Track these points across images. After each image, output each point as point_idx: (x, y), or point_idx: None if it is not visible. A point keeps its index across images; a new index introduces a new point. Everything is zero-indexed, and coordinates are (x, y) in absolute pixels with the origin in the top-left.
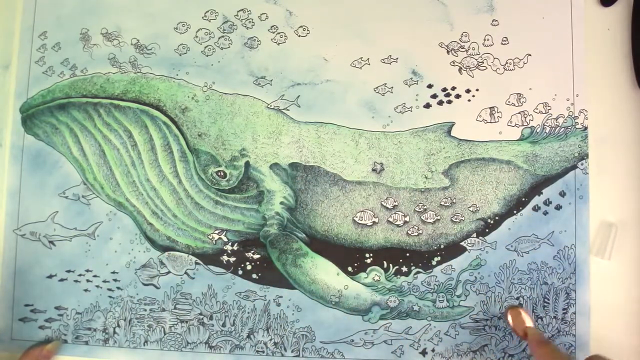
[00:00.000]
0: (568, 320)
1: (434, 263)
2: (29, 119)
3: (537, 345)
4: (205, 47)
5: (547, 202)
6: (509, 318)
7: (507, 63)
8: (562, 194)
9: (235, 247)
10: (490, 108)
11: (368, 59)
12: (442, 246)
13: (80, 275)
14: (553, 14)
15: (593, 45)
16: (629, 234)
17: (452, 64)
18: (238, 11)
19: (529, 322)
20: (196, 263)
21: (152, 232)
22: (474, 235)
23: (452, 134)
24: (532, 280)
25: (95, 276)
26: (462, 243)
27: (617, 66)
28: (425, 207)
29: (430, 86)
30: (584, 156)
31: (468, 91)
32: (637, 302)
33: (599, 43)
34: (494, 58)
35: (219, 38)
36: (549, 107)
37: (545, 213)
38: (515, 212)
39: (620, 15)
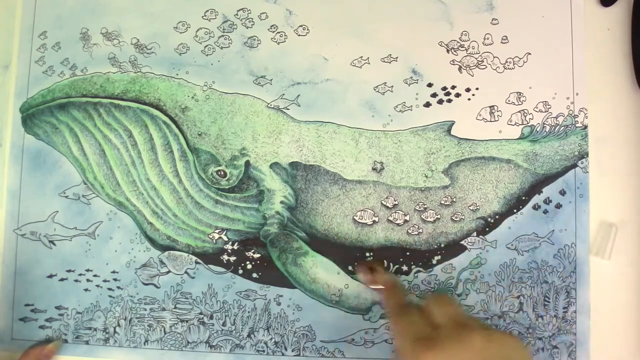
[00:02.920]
0: (568, 319)
1: (434, 262)
2: (29, 119)
3: (389, 293)
4: (205, 47)
5: (547, 201)
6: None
7: (507, 62)
8: (562, 193)
9: (235, 247)
10: (490, 107)
11: (368, 58)
12: (442, 245)
13: (80, 274)
14: (553, 13)
15: (593, 45)
16: (629, 233)
17: (452, 62)
18: (238, 10)
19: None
20: (196, 262)
21: (152, 232)
22: (474, 234)
23: (452, 133)
24: (533, 279)
25: (95, 276)
26: (462, 242)
27: (617, 66)
28: (425, 206)
29: (430, 85)
30: (584, 155)
31: (468, 90)
32: (637, 302)
33: (599, 43)
34: (494, 57)
35: (219, 37)
36: (549, 106)
37: (546, 212)
38: (515, 211)
39: (620, 15)
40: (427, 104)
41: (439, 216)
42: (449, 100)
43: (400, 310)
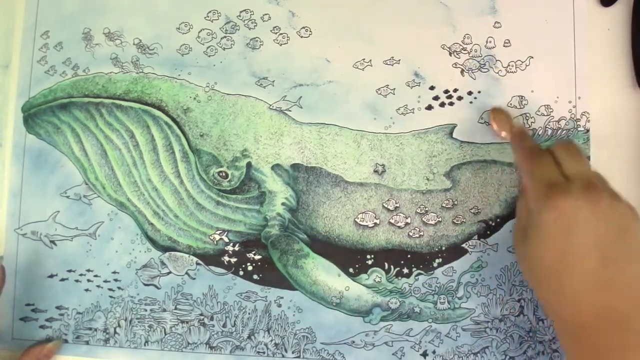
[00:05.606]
0: None
1: (435, 265)
2: (31, 119)
3: (519, 139)
4: (207, 48)
5: None
6: (492, 119)
7: (509, 65)
8: None
9: (236, 248)
10: (492, 110)
11: (370, 60)
12: (443, 248)
13: (81, 275)
14: (556, 17)
15: (593, 45)
16: None
17: (454, 65)
18: (240, 12)
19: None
20: (197, 263)
21: (154, 233)
22: (475, 237)
23: (453, 136)
24: None
25: (96, 276)
26: (463, 245)
27: (617, 66)
28: (426, 208)
29: (432, 88)
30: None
31: (470, 93)
32: None
33: (599, 43)
34: (496, 60)
35: (221, 38)
36: (551, 110)
37: None
38: None
39: (620, 15)
40: (429, 107)
41: (440, 219)
42: (451, 104)
43: (533, 153)
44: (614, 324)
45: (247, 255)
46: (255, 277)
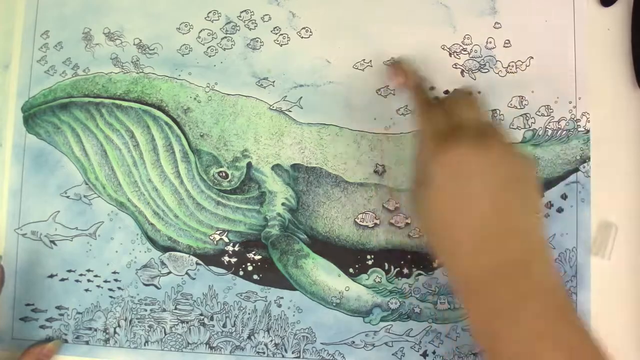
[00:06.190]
0: None
1: (435, 265)
2: (31, 119)
3: (415, 91)
4: (207, 48)
5: (548, 205)
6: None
7: (509, 66)
8: (564, 197)
9: (236, 248)
10: (492, 111)
11: (370, 60)
12: None
13: (81, 275)
14: (556, 17)
15: (593, 45)
16: (630, 234)
17: (454, 66)
18: (241, 12)
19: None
20: (197, 264)
21: (154, 233)
22: None
23: None
24: None
25: (96, 276)
26: None
27: (617, 66)
28: None
29: (432, 88)
30: (585, 159)
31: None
32: (637, 303)
33: (599, 43)
34: (496, 61)
35: (222, 39)
36: (551, 110)
37: (547, 216)
38: None
39: (620, 15)
40: None
41: None
42: None
43: (424, 108)
44: (513, 275)
45: (247, 255)
46: (255, 277)
